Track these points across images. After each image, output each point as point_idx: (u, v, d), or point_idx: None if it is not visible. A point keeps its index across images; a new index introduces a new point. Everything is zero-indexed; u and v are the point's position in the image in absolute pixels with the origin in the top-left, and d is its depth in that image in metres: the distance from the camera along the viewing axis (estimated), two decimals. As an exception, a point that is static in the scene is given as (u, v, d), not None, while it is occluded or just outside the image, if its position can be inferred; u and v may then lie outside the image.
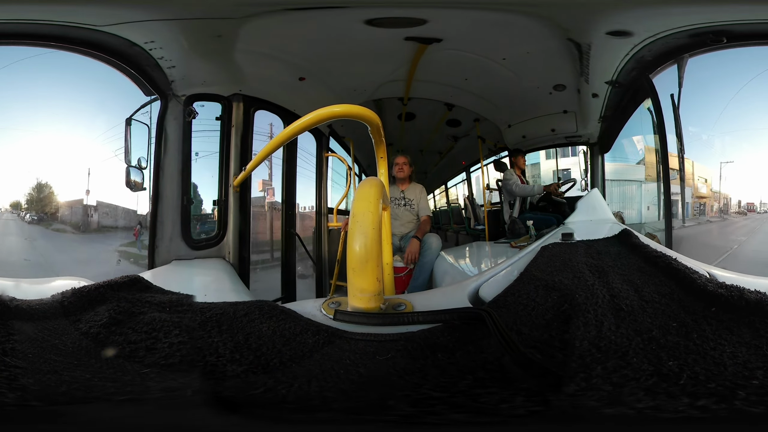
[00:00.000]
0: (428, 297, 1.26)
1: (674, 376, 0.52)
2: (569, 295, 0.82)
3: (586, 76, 2.46)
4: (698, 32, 1.88)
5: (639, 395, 0.49)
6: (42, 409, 0.56)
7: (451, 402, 0.55)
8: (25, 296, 0.90)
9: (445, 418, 0.53)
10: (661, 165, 2.51)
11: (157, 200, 2.10)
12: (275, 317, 0.88)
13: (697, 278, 0.88)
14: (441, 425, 0.53)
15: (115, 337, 0.75)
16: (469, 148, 4.16)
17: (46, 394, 0.58)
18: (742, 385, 0.51)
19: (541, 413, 0.52)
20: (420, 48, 2.36)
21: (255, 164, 1.93)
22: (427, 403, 0.55)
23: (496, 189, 3.79)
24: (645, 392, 0.50)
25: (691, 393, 0.50)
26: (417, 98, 3.24)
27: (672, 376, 0.53)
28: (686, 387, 0.51)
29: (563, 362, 0.58)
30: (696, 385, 0.51)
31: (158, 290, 1.15)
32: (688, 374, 0.53)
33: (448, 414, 0.53)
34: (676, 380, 0.52)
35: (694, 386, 0.51)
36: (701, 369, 0.54)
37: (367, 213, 0.94)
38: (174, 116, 2.12)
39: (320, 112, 1.22)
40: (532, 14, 1.93)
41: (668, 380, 0.52)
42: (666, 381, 0.52)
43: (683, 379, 0.52)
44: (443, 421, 0.53)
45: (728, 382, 0.52)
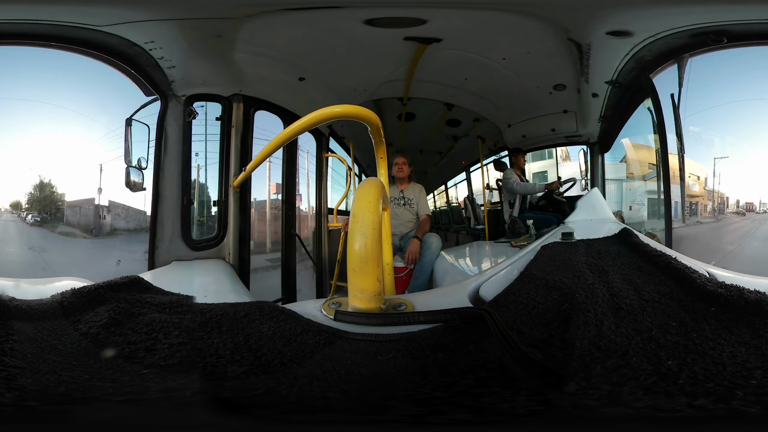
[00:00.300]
0: (429, 297, 1.26)
1: (673, 376, 0.52)
2: (569, 294, 0.82)
3: (586, 75, 2.47)
4: (699, 32, 1.88)
5: (638, 394, 0.50)
6: (39, 409, 0.56)
7: (453, 402, 0.55)
8: (25, 296, 0.90)
9: (448, 417, 0.53)
10: (661, 165, 2.51)
11: (157, 201, 2.10)
12: (275, 318, 0.87)
13: (697, 278, 0.88)
14: (443, 425, 0.53)
15: (114, 338, 0.75)
16: (469, 148, 4.16)
17: (44, 394, 0.58)
18: (740, 385, 0.51)
19: (542, 413, 0.52)
20: (420, 48, 2.36)
21: (255, 165, 1.93)
22: (430, 403, 0.55)
23: (496, 188, 3.80)
24: (644, 391, 0.50)
25: (690, 392, 0.50)
26: (417, 98, 3.25)
27: (671, 375, 0.53)
28: (685, 386, 0.51)
29: (563, 361, 0.58)
30: (694, 384, 0.51)
31: (158, 291, 1.15)
32: (687, 374, 0.53)
33: (450, 414, 0.53)
34: (675, 379, 0.52)
35: (693, 386, 0.51)
36: (700, 368, 0.54)
37: (367, 213, 0.94)
38: (174, 116, 2.12)
39: (320, 113, 1.22)
40: (532, 14, 1.93)
41: (667, 379, 0.52)
42: (665, 380, 0.52)
43: (682, 379, 0.52)
44: (446, 420, 0.53)
45: (726, 381, 0.52)
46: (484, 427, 0.53)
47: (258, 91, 2.41)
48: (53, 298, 0.93)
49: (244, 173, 2.20)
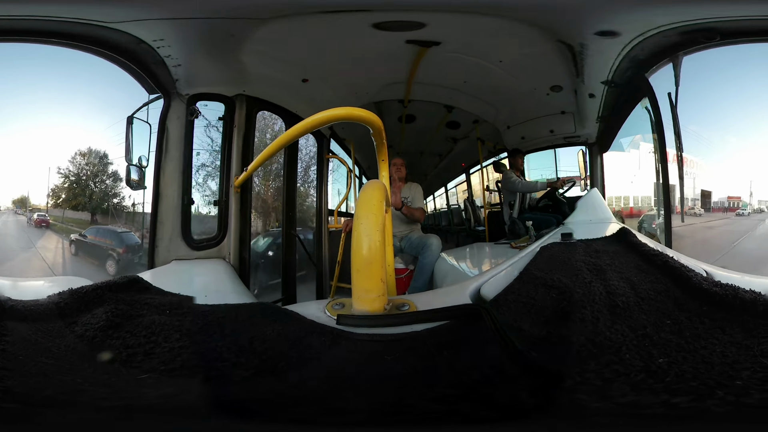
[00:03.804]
0: (431, 297, 1.27)
1: (662, 373, 0.53)
2: (567, 292, 0.83)
3: (582, 76, 2.48)
4: (689, 30, 1.88)
5: (624, 390, 0.50)
6: (16, 411, 0.55)
7: (467, 398, 0.55)
8: (22, 296, 0.88)
9: (459, 416, 0.53)
10: (659, 163, 2.51)
11: (157, 199, 2.10)
12: (279, 320, 0.87)
13: (693, 276, 0.89)
14: (455, 423, 0.53)
15: (112, 341, 0.73)
16: (468, 150, 4.18)
17: (29, 396, 0.57)
18: (723, 385, 0.51)
19: (542, 409, 0.53)
20: (420, 51, 2.38)
21: (256, 165, 1.94)
22: (445, 401, 0.55)
23: (496, 190, 3.81)
24: (630, 387, 0.50)
25: (673, 390, 0.50)
26: (417, 100, 3.26)
27: (660, 372, 0.53)
28: (670, 384, 0.51)
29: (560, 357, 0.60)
30: (680, 382, 0.52)
31: (158, 291, 1.13)
32: (675, 371, 0.53)
33: (461, 412, 0.54)
34: (663, 377, 0.52)
35: (678, 383, 0.51)
36: (689, 367, 0.55)
37: (371, 215, 0.95)
38: (177, 115, 2.12)
39: (323, 115, 1.23)
40: (520, 18, 1.93)
41: (655, 377, 0.52)
42: (653, 377, 0.52)
43: (670, 376, 0.52)
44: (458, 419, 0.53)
45: (712, 381, 0.52)
46: (492, 425, 0.53)
47: (261, 92, 2.42)
48: (50, 299, 0.90)
49: (246, 173, 2.20)
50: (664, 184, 2.52)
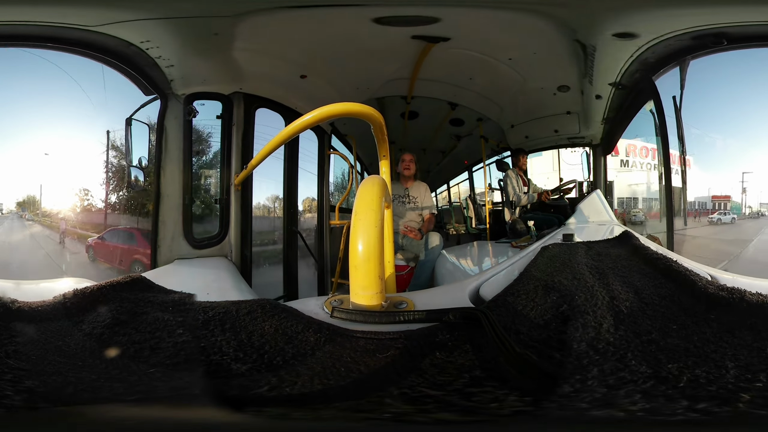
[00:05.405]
0: (430, 295, 1.26)
1: (674, 379, 0.52)
2: (568, 295, 0.82)
3: (590, 77, 2.46)
4: (699, 34, 1.88)
5: (635, 398, 0.49)
6: (49, 410, 0.56)
7: (444, 401, 0.56)
8: (27, 298, 0.91)
9: (437, 416, 0.53)
10: (663, 167, 2.50)
11: (158, 199, 2.10)
12: (277, 316, 0.88)
13: (698, 280, 0.88)
14: (432, 424, 0.53)
15: (118, 338, 0.75)
16: (471, 148, 4.16)
17: (54, 395, 0.58)
18: (745, 388, 0.50)
19: (531, 413, 0.52)
20: (426, 47, 2.36)
21: (256, 162, 1.93)
22: (423, 401, 0.56)
23: (498, 189, 3.80)
24: (641, 395, 0.50)
25: (691, 396, 0.49)
26: (420, 97, 3.24)
27: (671, 378, 0.52)
28: (686, 390, 0.50)
29: (560, 363, 0.58)
30: (696, 388, 0.51)
31: (160, 290, 1.16)
32: (688, 377, 0.53)
33: (440, 412, 0.54)
34: (676, 383, 0.51)
35: (695, 389, 0.51)
36: (702, 372, 0.54)
37: (370, 211, 0.94)
38: (174, 115, 2.12)
39: (323, 110, 1.22)
40: (543, 14, 1.92)
41: (667, 383, 0.51)
42: (664, 383, 0.51)
43: (683, 382, 0.51)
44: (431, 420, 0.53)
45: (730, 384, 0.51)
46: (472, 426, 0.54)
47: (259, 88, 2.41)
48: (55, 300, 0.93)
49: (246, 171, 2.20)
50: (666, 187, 2.51)
